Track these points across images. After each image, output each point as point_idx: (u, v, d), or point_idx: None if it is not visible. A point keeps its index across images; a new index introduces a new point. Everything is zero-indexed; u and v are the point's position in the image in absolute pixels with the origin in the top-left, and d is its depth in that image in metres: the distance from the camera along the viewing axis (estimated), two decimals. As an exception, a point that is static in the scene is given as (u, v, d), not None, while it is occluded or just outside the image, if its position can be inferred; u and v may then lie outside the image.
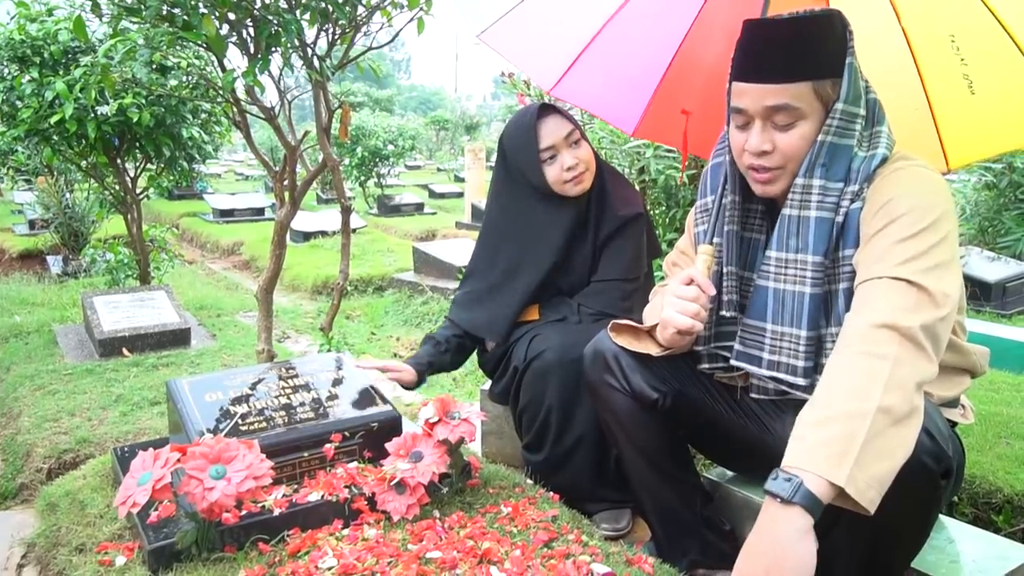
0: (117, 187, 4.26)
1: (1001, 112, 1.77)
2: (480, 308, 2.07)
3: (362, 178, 11.18)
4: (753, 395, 1.43)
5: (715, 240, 1.42)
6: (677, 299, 1.34)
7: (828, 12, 1.25)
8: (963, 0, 1.62)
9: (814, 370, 1.29)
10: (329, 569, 1.37)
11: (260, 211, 9.78)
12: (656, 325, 1.44)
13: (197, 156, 4.27)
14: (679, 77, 2.07)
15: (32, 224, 7.72)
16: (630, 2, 2.00)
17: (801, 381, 1.30)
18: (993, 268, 4.65)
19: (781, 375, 1.33)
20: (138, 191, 4.36)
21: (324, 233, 7.79)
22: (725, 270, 1.40)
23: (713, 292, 1.35)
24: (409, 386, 1.96)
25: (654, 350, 1.46)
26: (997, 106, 1.75)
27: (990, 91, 1.71)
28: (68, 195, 6.13)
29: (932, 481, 1.13)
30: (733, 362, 1.42)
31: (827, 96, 1.23)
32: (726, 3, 1.94)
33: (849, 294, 1.23)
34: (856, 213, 1.24)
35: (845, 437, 1.01)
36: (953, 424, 1.37)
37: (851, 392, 1.06)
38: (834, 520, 1.22)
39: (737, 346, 1.41)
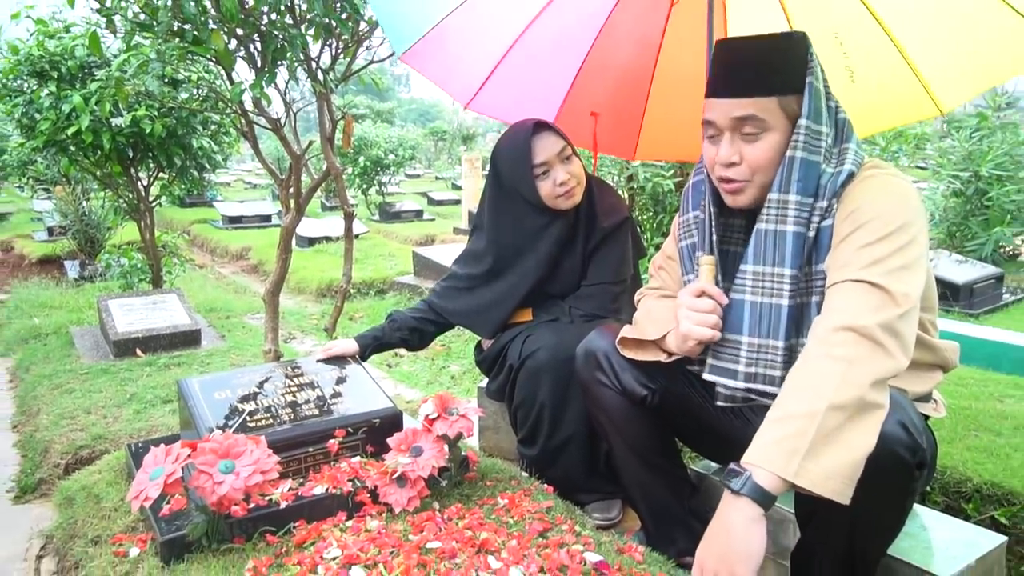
0: (131, 195, 4.25)
1: (877, 97, 1.87)
2: (468, 303, 2.05)
3: (364, 186, 11.16)
4: (719, 403, 1.37)
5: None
6: (694, 312, 1.31)
7: (792, 34, 1.29)
8: (846, 1, 1.76)
9: None
10: (334, 559, 1.35)
11: (267, 218, 9.77)
12: (664, 336, 1.42)
13: (207, 165, 4.26)
14: (587, 83, 2.11)
15: (51, 231, 7.69)
16: (539, 18, 2.01)
17: (779, 391, 1.28)
18: (961, 270, 4.66)
19: (758, 386, 1.30)
20: (151, 199, 4.34)
21: (328, 238, 7.76)
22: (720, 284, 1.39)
23: (726, 301, 1.32)
24: (351, 356, 1.99)
25: (662, 357, 1.44)
26: (874, 93, 1.86)
27: (868, 80, 1.84)
28: (84, 203, 6.11)
29: (907, 472, 1.13)
30: (707, 376, 1.36)
31: (793, 112, 1.24)
32: (631, 15, 2.01)
33: (820, 306, 1.22)
34: (827, 229, 1.23)
35: (798, 435, 1.04)
36: (926, 418, 1.37)
37: (806, 393, 1.08)
38: (812, 510, 1.23)
39: (711, 360, 1.35)
